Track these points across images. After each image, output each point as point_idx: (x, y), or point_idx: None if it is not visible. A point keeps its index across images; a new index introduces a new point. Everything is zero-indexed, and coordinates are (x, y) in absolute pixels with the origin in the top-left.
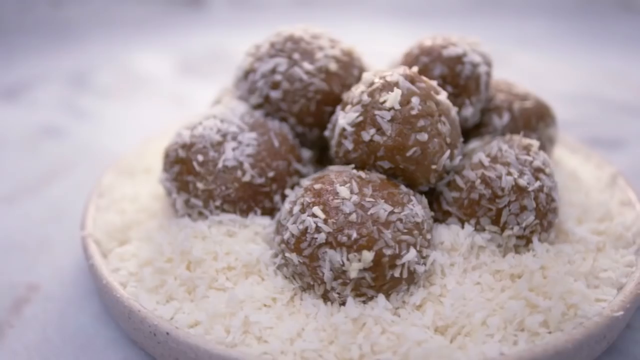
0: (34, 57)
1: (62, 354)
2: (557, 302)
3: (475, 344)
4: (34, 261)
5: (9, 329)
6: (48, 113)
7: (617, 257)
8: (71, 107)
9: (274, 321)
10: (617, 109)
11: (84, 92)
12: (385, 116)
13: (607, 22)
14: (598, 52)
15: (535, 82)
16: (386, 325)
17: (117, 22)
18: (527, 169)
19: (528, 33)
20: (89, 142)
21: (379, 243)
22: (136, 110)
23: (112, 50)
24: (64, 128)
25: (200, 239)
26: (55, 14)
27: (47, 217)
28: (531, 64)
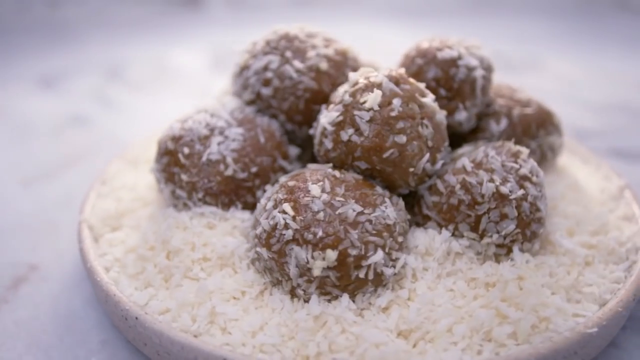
0: (70, 49)
1: (48, 332)
2: (528, 314)
3: (437, 350)
4: (38, 243)
5: (4, 304)
6: (78, 102)
7: (605, 272)
8: (100, 98)
9: (239, 314)
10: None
11: (116, 84)
12: (364, 117)
13: (605, 21)
14: (596, 51)
15: (561, 89)
16: (347, 325)
17: (115, 22)
18: (511, 177)
19: (526, 33)
20: (111, 132)
21: (345, 243)
22: (162, 104)
23: (109, 50)
24: (90, 117)
25: (182, 230)
26: (53, 14)
27: (57, 202)
28: (567, 69)
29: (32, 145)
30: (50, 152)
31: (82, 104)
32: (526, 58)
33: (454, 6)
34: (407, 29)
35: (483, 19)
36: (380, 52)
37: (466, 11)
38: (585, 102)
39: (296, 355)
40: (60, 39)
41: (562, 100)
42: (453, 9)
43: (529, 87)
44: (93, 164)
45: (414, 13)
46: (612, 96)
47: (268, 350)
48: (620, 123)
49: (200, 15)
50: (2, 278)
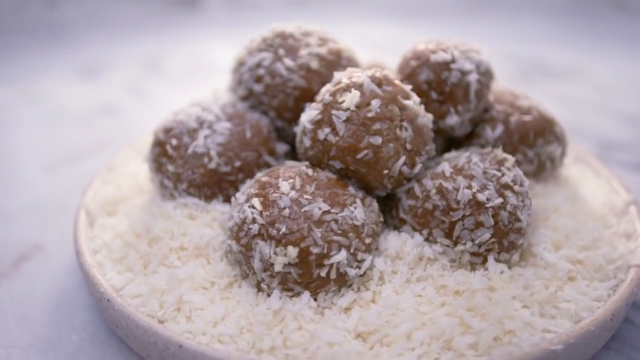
0: (110, 42)
1: (38, 309)
2: (492, 325)
3: (391, 355)
4: (47, 225)
5: (4, 279)
6: (112, 93)
7: (588, 289)
8: (134, 90)
9: (205, 303)
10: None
11: (151, 76)
12: (341, 116)
13: (602, 21)
14: (594, 51)
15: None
16: (303, 323)
17: (113, 22)
18: (491, 184)
19: (524, 32)
20: (139, 122)
21: (307, 240)
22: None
23: (111, 49)
24: (121, 108)
25: (165, 219)
26: (51, 14)
27: (73, 187)
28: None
29: (62, 132)
30: (77, 139)
31: (116, 94)
32: (567, 64)
33: (454, 6)
34: (408, 29)
35: (484, 19)
36: (379, 53)
37: (466, 11)
38: (618, 113)
39: (251, 347)
40: (59, 38)
41: (596, 110)
42: (453, 9)
43: (565, 94)
44: (114, 153)
45: (413, 13)
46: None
47: (225, 341)
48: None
49: (199, 15)
50: (8, 254)
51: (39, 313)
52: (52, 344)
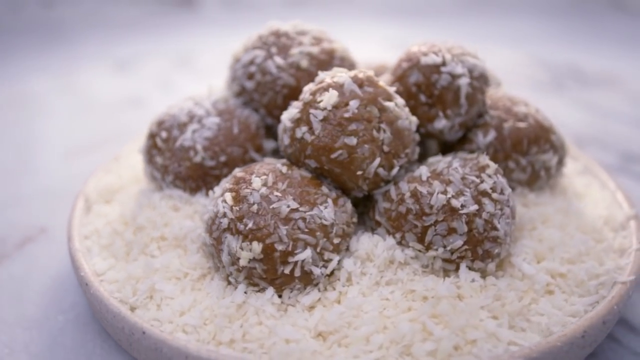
0: (147, 35)
1: (33, 289)
2: (453, 334)
3: (347, 356)
4: (56, 209)
5: (7, 259)
6: (141, 86)
7: (564, 304)
8: (164, 83)
9: (176, 293)
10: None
11: (182, 71)
12: (318, 115)
13: (600, 21)
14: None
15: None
16: (264, 318)
17: (109, 23)
18: (468, 191)
19: (521, 32)
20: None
21: (273, 237)
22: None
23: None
24: (148, 100)
25: (151, 209)
26: (48, 14)
27: (88, 174)
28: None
29: (88, 121)
30: (101, 129)
31: (145, 87)
32: (601, 71)
33: (453, 6)
34: (406, 29)
35: (482, 19)
36: (376, 53)
37: (464, 10)
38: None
39: (211, 339)
40: (57, 38)
41: (623, 119)
42: (452, 9)
43: (594, 102)
44: (133, 143)
45: (412, 13)
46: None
47: (188, 331)
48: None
49: (196, 15)
50: (14, 235)
51: (32, 293)
52: (38, 323)
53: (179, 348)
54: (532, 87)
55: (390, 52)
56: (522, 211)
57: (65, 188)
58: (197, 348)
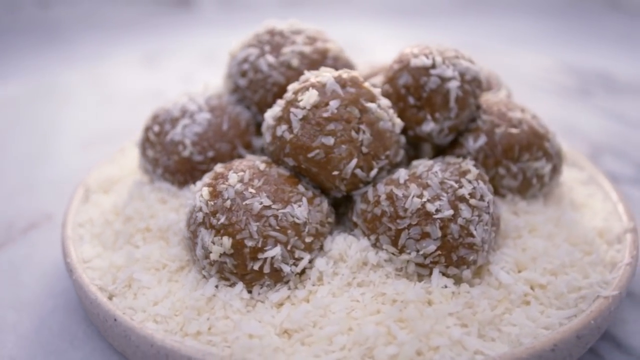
0: (172, 31)
1: (28, 273)
2: (416, 339)
3: (307, 354)
4: (64, 197)
5: (10, 243)
6: (166, 81)
7: (539, 316)
8: (188, 79)
9: (153, 283)
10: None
11: (208, 68)
12: (298, 114)
13: (596, 20)
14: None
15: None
16: (231, 312)
17: (106, 23)
18: (445, 195)
19: (516, 31)
20: None
21: (243, 233)
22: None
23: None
24: (170, 95)
25: (140, 200)
26: (44, 14)
27: (101, 163)
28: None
29: (109, 113)
30: (121, 121)
31: (170, 82)
32: (634, 80)
33: (448, 6)
34: (404, 29)
35: (480, 18)
36: (373, 54)
37: (461, 10)
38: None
39: (179, 330)
40: (53, 39)
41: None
42: (443, 8)
43: (623, 111)
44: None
45: (409, 13)
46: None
47: (159, 320)
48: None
49: (193, 15)
50: (20, 221)
51: (28, 277)
52: (29, 306)
53: (145, 337)
54: (557, 93)
55: (392, 53)
56: (510, 219)
57: (76, 177)
58: (162, 338)
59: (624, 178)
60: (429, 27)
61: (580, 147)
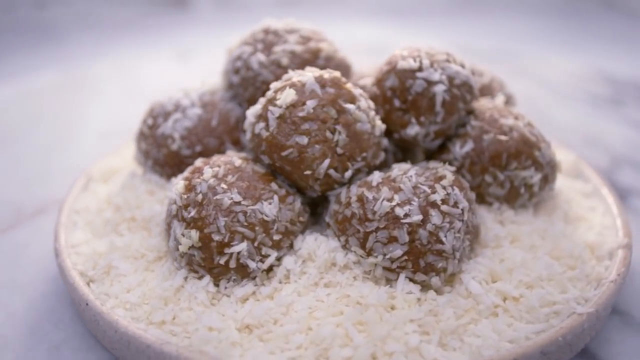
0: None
1: (28, 257)
2: (371, 343)
3: (262, 351)
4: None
5: (17, 226)
6: (192, 77)
7: (506, 329)
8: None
9: (129, 271)
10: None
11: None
12: (275, 113)
13: (592, 20)
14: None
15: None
16: (195, 304)
17: (102, 23)
18: (416, 200)
19: (512, 31)
20: None
21: (211, 227)
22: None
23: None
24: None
25: (130, 191)
26: (39, 14)
27: (107, 154)
28: None
29: (133, 105)
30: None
31: (196, 78)
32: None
33: (446, 6)
34: (402, 29)
35: (478, 18)
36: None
37: (457, 10)
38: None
39: (145, 318)
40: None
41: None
42: (445, 9)
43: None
44: None
45: (407, 13)
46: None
47: (128, 308)
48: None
49: (189, 15)
50: (30, 206)
51: (27, 260)
52: (22, 287)
53: (111, 322)
54: (587, 101)
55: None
56: (493, 228)
57: (89, 164)
58: (126, 324)
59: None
60: (426, 28)
61: (600, 158)
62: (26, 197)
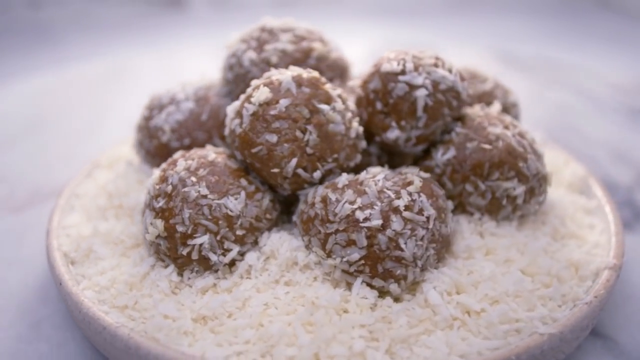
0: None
1: (32, 235)
2: (315, 344)
3: (211, 343)
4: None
5: (30, 207)
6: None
7: (460, 342)
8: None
9: (107, 255)
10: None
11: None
12: (249, 110)
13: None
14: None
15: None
16: (156, 292)
17: (99, 23)
18: (379, 205)
19: (508, 31)
20: None
21: (176, 218)
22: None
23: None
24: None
25: (123, 179)
26: (35, 15)
27: (117, 143)
28: None
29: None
30: None
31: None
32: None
33: (442, 6)
34: (399, 29)
35: (476, 18)
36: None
37: (453, 10)
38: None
39: (110, 301)
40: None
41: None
42: (442, 8)
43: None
44: None
45: (404, 13)
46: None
47: (97, 290)
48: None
49: (186, 15)
50: (46, 188)
51: (32, 239)
52: (20, 264)
53: (77, 303)
54: (626, 114)
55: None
56: (470, 238)
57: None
58: (89, 306)
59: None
60: (423, 28)
61: (625, 174)
62: (44, 180)
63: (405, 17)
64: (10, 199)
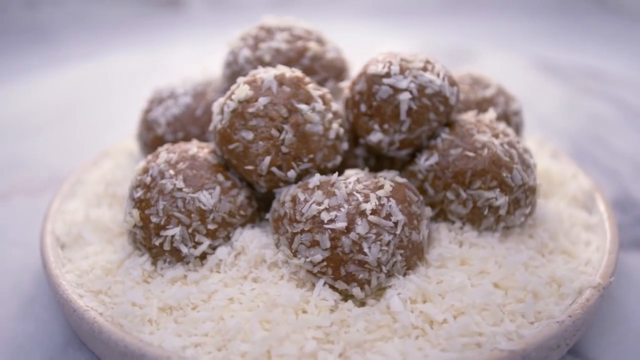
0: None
1: (39, 218)
2: (267, 342)
3: (169, 334)
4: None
5: (45, 190)
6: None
7: (415, 352)
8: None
9: (94, 241)
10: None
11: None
12: (230, 107)
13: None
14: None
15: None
16: (128, 279)
17: (96, 23)
18: (346, 207)
19: (507, 31)
20: None
21: (151, 209)
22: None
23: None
24: None
25: (121, 168)
26: (31, 15)
27: (127, 134)
28: None
29: None
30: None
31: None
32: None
33: (440, 6)
34: (397, 29)
35: (474, 18)
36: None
37: (451, 10)
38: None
39: (87, 285)
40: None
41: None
42: (440, 8)
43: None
44: None
45: (403, 13)
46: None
47: (78, 274)
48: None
49: (183, 15)
50: (62, 173)
51: (32, 223)
52: (21, 244)
53: (55, 285)
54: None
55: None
56: (447, 247)
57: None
58: (65, 289)
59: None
60: (419, 28)
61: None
62: (61, 166)
63: (402, 18)
64: (28, 183)
